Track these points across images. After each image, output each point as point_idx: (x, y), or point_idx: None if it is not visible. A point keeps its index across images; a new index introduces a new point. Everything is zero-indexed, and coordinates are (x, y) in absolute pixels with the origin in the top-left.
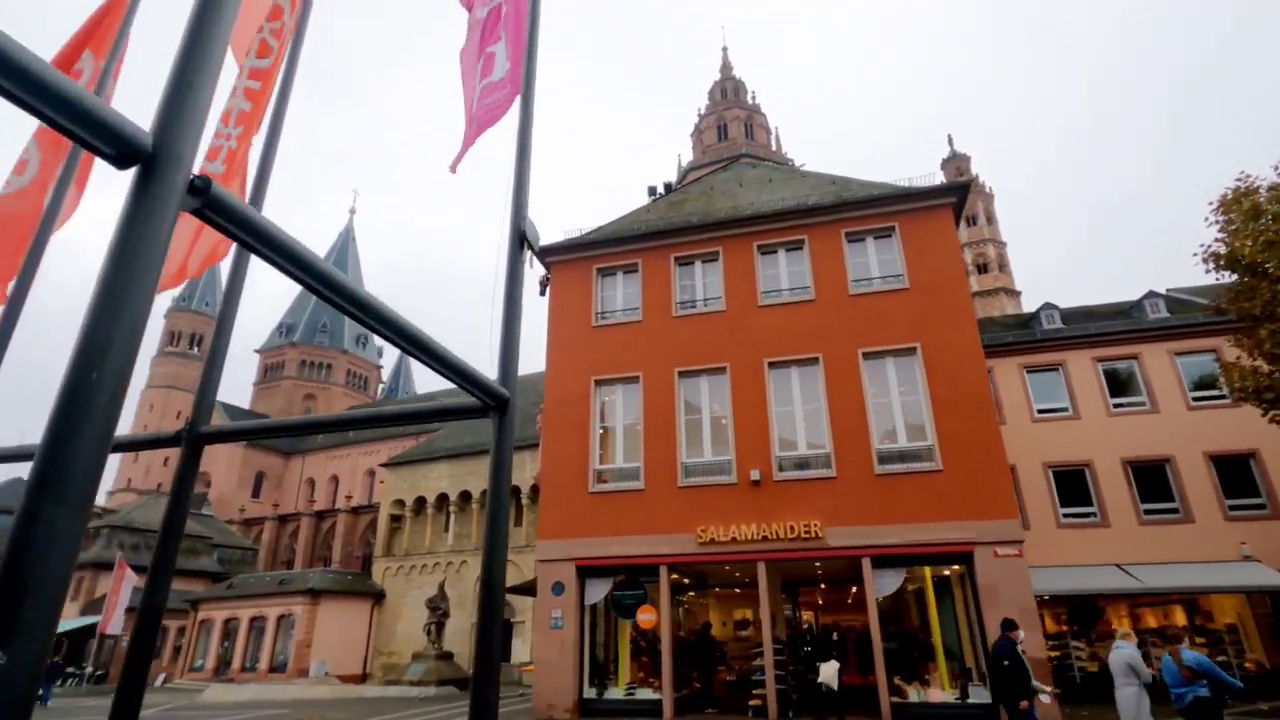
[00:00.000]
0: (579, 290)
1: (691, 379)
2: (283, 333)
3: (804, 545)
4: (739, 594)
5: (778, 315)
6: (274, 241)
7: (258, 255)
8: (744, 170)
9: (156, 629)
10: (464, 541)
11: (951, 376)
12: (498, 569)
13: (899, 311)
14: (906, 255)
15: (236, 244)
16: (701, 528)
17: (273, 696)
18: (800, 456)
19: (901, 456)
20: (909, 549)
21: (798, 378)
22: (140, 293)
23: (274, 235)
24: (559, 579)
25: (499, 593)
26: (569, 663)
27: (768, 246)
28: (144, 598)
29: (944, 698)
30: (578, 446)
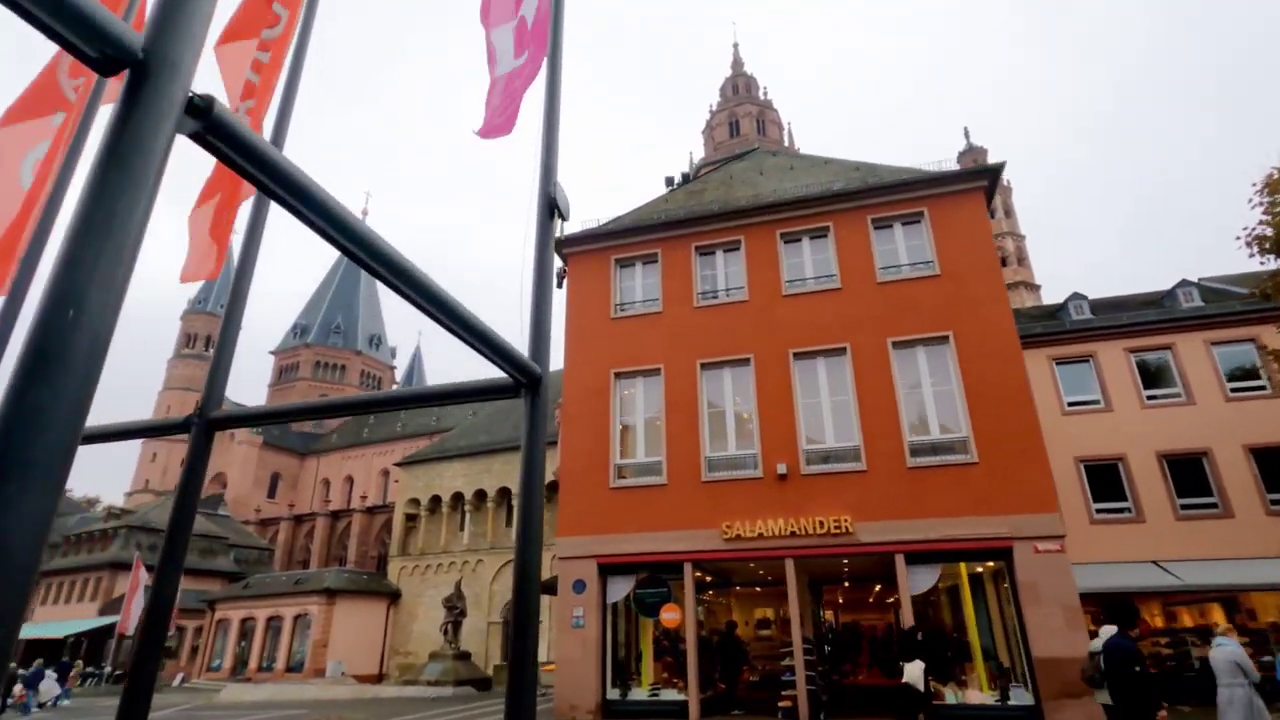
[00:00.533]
0: (597, 282)
1: (714, 371)
2: (297, 334)
3: (834, 541)
4: (759, 593)
5: (803, 305)
6: (288, 179)
7: (269, 195)
8: (763, 159)
9: (166, 625)
10: (479, 540)
11: (986, 366)
12: (532, 560)
13: (929, 299)
14: (936, 241)
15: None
16: (727, 524)
17: (289, 696)
18: (828, 449)
19: (934, 449)
20: (944, 545)
21: (824, 368)
22: (127, 225)
23: (288, 171)
24: (580, 577)
25: (534, 585)
26: (591, 663)
27: (791, 234)
28: (152, 593)
29: (983, 699)
30: (597, 441)
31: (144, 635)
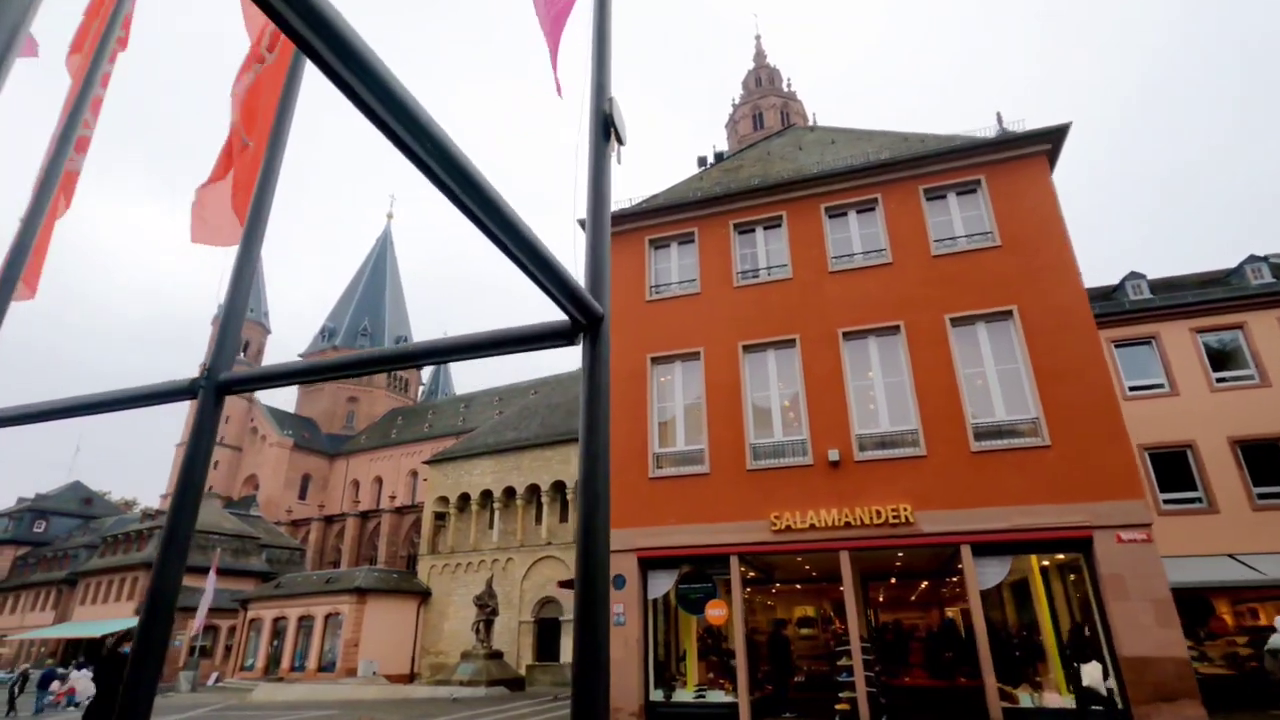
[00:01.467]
0: (630, 263)
1: (757, 353)
2: (325, 336)
3: (892, 532)
4: (798, 590)
5: (851, 282)
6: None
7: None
8: (801, 134)
9: (169, 615)
10: (509, 539)
11: (1056, 341)
12: (599, 533)
13: (990, 272)
14: (996, 210)
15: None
16: (775, 514)
17: (321, 696)
18: (883, 434)
19: (1000, 432)
20: (1014, 535)
21: (876, 348)
22: None
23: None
24: (619, 572)
25: (602, 565)
26: (633, 663)
27: (836, 208)
28: (154, 578)
29: (1062, 703)
30: (634, 429)
31: (144, 628)
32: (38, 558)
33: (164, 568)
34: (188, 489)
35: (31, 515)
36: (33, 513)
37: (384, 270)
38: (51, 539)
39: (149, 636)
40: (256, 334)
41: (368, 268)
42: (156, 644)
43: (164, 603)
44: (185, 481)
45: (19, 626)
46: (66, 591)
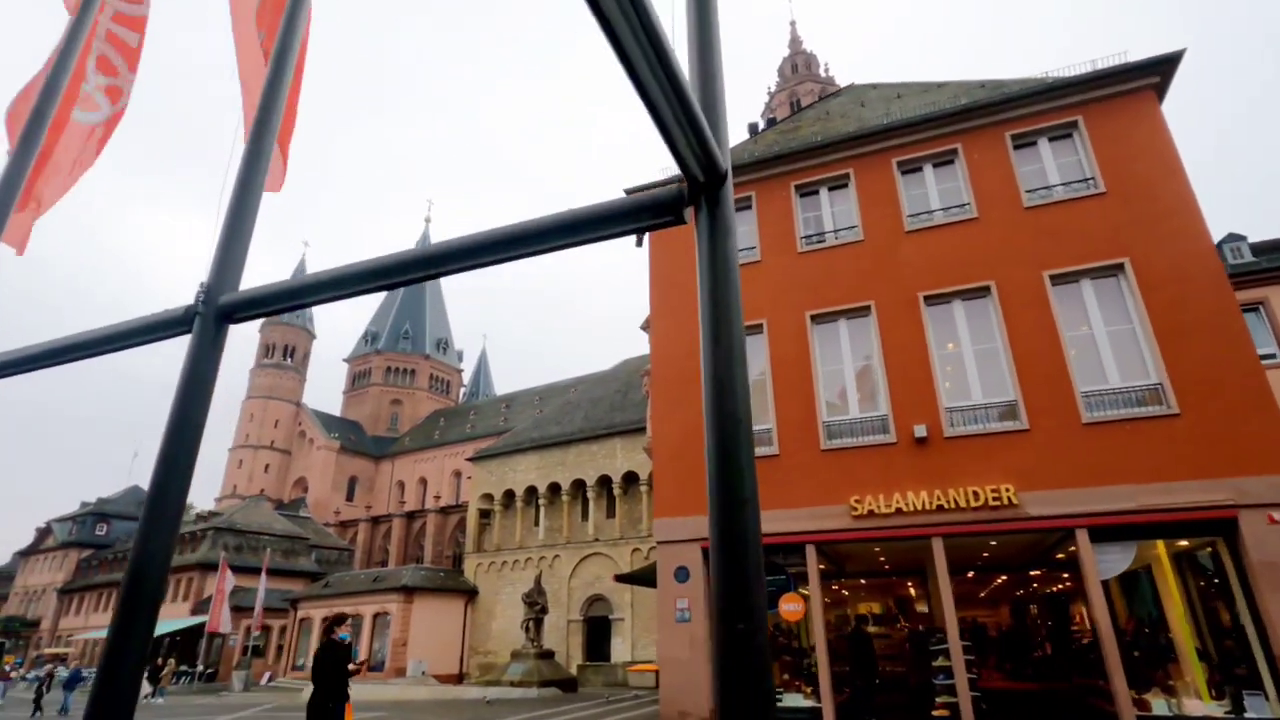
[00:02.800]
0: (681, 234)
1: (827, 323)
2: (368, 341)
3: (992, 515)
4: (864, 585)
5: (931, 241)
6: None
7: None
8: (862, 91)
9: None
10: (555, 535)
11: (1180, 296)
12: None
13: (1094, 223)
14: (1098, 154)
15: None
16: (855, 497)
17: (370, 696)
18: (976, 407)
19: (1117, 401)
20: (1140, 516)
21: (963, 312)
22: None
23: None
24: (682, 563)
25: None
26: (700, 662)
27: (910, 163)
28: (136, 544)
29: (1205, 710)
30: (693, 407)
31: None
32: (100, 560)
33: (150, 533)
34: (182, 439)
35: (94, 519)
36: (95, 516)
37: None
38: (112, 541)
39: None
40: (302, 339)
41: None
42: (141, 623)
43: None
44: (178, 429)
45: (83, 627)
46: None
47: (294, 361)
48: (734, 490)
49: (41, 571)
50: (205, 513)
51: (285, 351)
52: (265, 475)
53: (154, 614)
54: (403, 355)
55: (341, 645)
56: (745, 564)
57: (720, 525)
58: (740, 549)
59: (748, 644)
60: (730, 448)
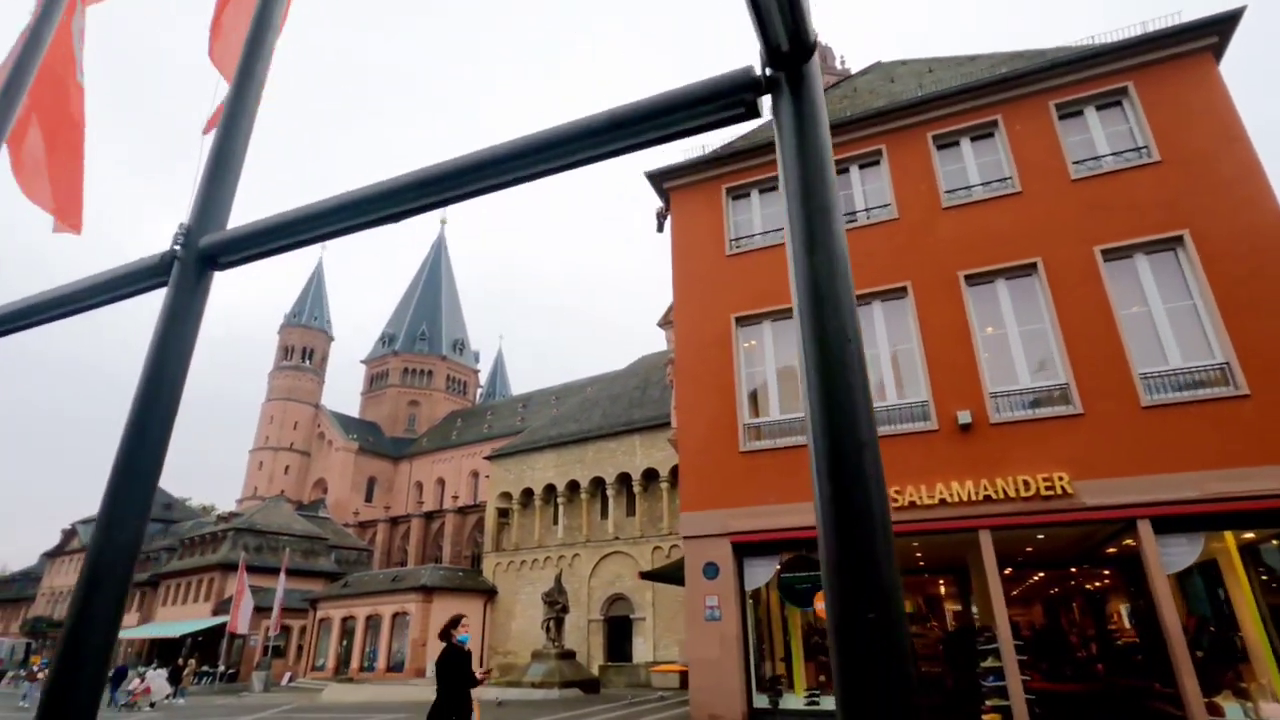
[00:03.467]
0: (706, 216)
1: (861, 305)
2: (385, 343)
3: (1045, 506)
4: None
5: (970, 217)
6: None
7: None
8: (891, 68)
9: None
10: (574, 534)
11: (1247, 269)
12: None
13: (1148, 194)
14: (1151, 121)
15: None
16: (895, 488)
17: (390, 697)
18: (1024, 391)
19: (1179, 382)
20: (1208, 505)
21: (1007, 292)
22: None
23: None
24: (711, 559)
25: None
26: (733, 663)
27: (946, 137)
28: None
29: None
30: (721, 398)
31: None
32: None
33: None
34: (155, 406)
35: None
36: None
37: (439, 275)
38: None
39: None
40: (320, 341)
41: (424, 273)
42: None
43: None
44: (151, 394)
45: None
46: (149, 593)
47: (312, 363)
48: (847, 432)
49: (67, 573)
50: (226, 513)
51: (304, 353)
52: (285, 476)
53: (117, 611)
54: (420, 356)
55: (461, 650)
56: (869, 529)
57: (832, 479)
58: (861, 509)
59: (885, 639)
60: (839, 376)
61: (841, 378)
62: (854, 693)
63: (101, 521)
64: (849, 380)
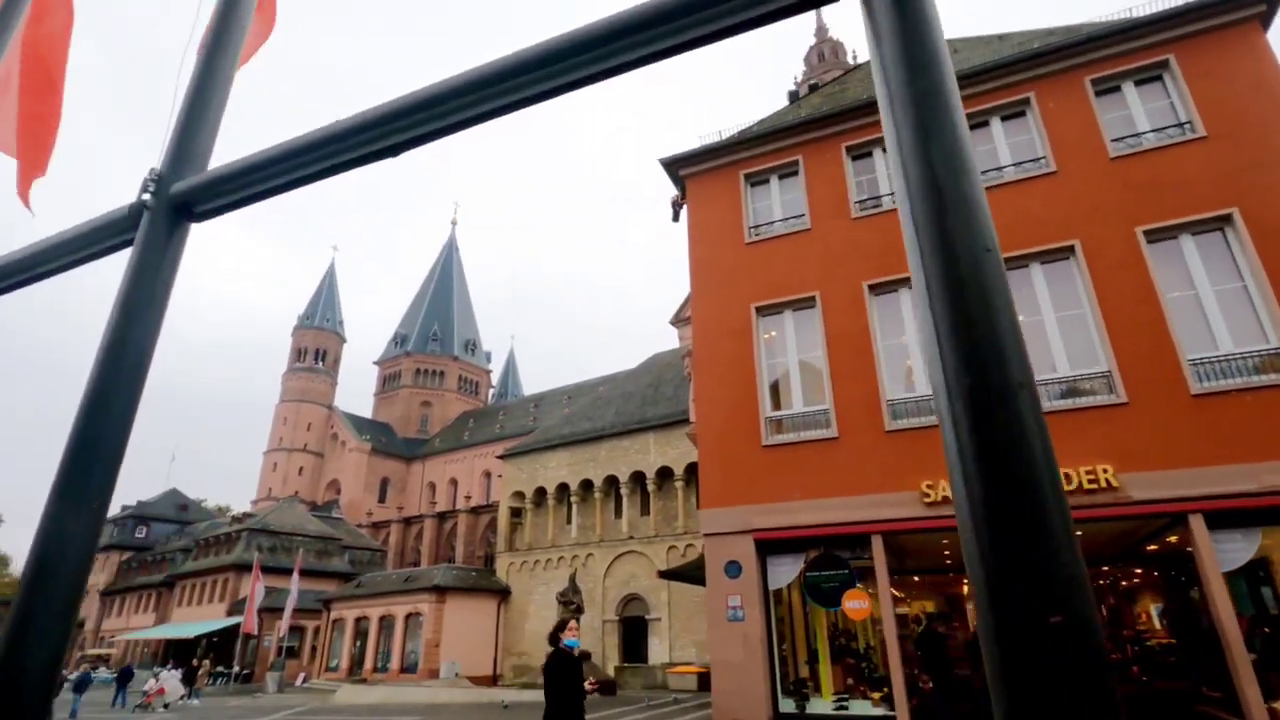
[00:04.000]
0: (724, 203)
1: (887, 294)
2: (397, 344)
3: (1087, 500)
4: (916, 583)
5: (1003, 199)
6: None
7: None
8: None
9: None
10: (588, 534)
11: None
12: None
13: (1193, 172)
14: (1194, 95)
15: None
16: (927, 483)
17: (403, 699)
18: (1063, 380)
19: (1232, 368)
20: (1266, 499)
21: (1043, 276)
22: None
23: None
24: (733, 557)
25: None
26: (757, 666)
27: (976, 116)
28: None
29: None
30: (741, 390)
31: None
32: (139, 562)
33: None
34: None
35: (133, 521)
36: (134, 519)
37: (450, 276)
38: (152, 544)
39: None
40: (333, 343)
41: (435, 274)
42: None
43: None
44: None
45: (124, 628)
46: (165, 594)
47: (325, 365)
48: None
49: None
50: (240, 514)
51: (317, 355)
52: (299, 478)
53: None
54: (432, 357)
55: (570, 655)
56: (1038, 502)
57: (978, 438)
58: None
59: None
60: (978, 298)
61: (981, 301)
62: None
63: (50, 511)
64: (992, 302)
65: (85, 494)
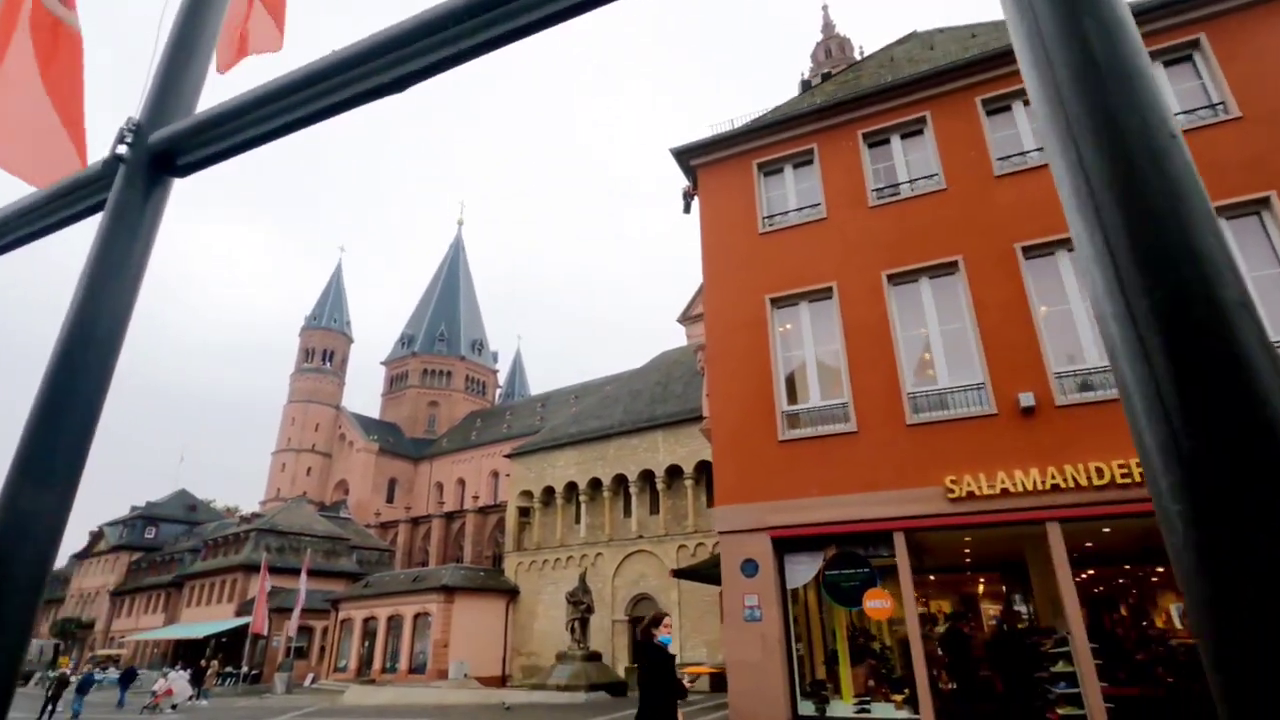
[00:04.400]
0: (736, 194)
1: (907, 284)
2: (404, 344)
3: (1122, 495)
4: (932, 581)
5: (1028, 185)
6: None
7: None
8: (930, 36)
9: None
10: (597, 533)
11: None
12: (1208, 242)
13: (1227, 154)
14: (1227, 75)
15: None
16: (951, 478)
17: (411, 700)
18: (1095, 370)
19: None
20: None
21: (1069, 264)
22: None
23: None
24: (749, 555)
25: None
26: (775, 667)
27: (997, 101)
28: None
29: None
30: (756, 384)
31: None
32: (149, 563)
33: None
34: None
35: (143, 522)
36: (143, 520)
37: (457, 276)
38: (161, 544)
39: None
40: (341, 343)
41: (442, 275)
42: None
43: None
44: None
45: (134, 628)
46: (174, 594)
47: (332, 365)
48: (1198, 288)
49: (95, 574)
50: (248, 515)
51: (324, 355)
52: (308, 478)
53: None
54: (439, 357)
55: (664, 652)
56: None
57: (1181, 380)
58: (1266, 429)
59: None
60: (1165, 193)
61: (1170, 196)
62: None
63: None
64: (1186, 198)
65: (50, 474)
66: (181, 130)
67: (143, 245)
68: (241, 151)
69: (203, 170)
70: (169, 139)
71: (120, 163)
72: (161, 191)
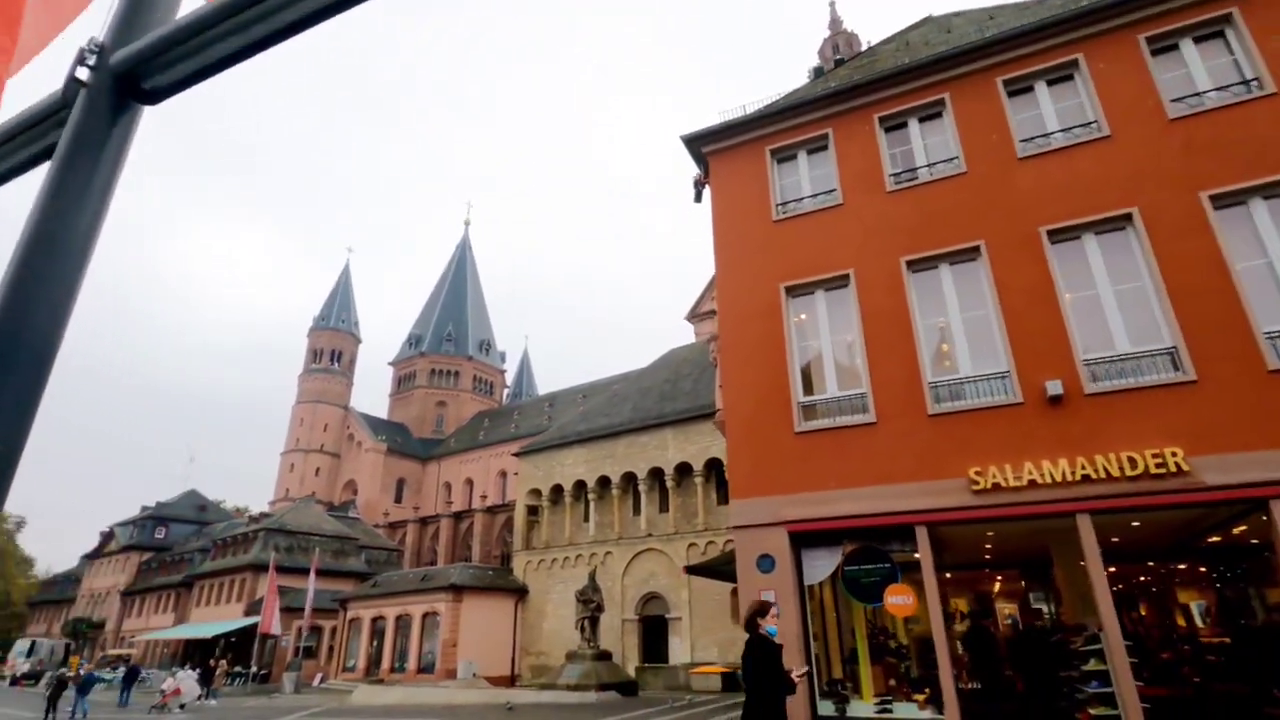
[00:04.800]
0: (749, 181)
1: (926, 271)
2: (412, 344)
3: (1155, 486)
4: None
5: (1051, 166)
6: None
7: None
8: (946, 20)
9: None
10: (606, 531)
11: None
12: None
13: (1261, 132)
14: (1261, 50)
15: None
16: (976, 469)
17: (419, 700)
18: (1123, 357)
19: None
20: None
21: (1098, 248)
22: None
23: None
24: (765, 551)
25: None
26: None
27: (1018, 82)
28: None
29: None
30: (771, 374)
31: None
32: (159, 562)
33: None
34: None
35: (153, 522)
36: (154, 520)
37: (464, 276)
38: (170, 544)
39: None
40: (348, 343)
41: (449, 275)
42: None
43: None
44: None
45: (144, 628)
46: (183, 594)
47: (340, 366)
48: None
49: (105, 574)
50: (257, 515)
51: (332, 356)
52: (316, 479)
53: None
54: (446, 357)
55: (770, 642)
56: None
57: None
58: None
59: None
60: None
61: None
62: None
63: None
64: None
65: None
66: (146, 47)
67: (105, 181)
68: (216, 72)
69: (175, 95)
70: (134, 58)
71: (81, 87)
72: (128, 120)
